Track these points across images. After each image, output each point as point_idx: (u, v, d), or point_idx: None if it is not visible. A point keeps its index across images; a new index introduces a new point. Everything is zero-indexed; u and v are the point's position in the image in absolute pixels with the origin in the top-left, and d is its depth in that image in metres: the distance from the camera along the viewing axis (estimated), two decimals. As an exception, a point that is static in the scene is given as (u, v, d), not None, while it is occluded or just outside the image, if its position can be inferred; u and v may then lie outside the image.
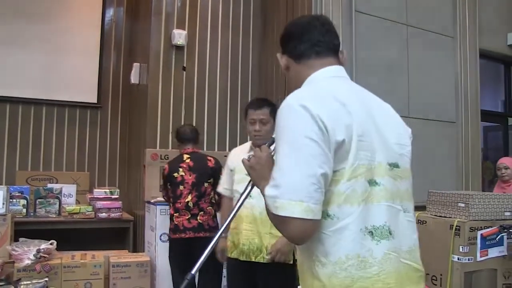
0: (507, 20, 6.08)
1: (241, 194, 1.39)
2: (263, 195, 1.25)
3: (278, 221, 1.15)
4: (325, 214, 1.18)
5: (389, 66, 4.67)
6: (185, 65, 5.01)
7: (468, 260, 3.10)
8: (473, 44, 5.51)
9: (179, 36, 4.88)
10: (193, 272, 1.20)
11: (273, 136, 1.35)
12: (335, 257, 1.17)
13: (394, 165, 1.28)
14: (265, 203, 1.21)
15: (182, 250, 3.55)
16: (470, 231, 3.09)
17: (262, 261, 2.51)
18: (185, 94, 5.01)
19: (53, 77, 5.31)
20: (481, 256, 3.13)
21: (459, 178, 5.15)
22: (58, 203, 4.52)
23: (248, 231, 2.54)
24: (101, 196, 4.67)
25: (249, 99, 5.40)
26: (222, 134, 5.25)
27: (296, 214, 1.11)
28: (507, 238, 3.26)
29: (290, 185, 1.13)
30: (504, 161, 4.50)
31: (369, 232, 1.19)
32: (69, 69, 5.36)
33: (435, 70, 5.08)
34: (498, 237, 3.18)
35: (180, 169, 3.62)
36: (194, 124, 4.94)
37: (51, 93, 5.29)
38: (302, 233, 1.14)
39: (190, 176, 3.59)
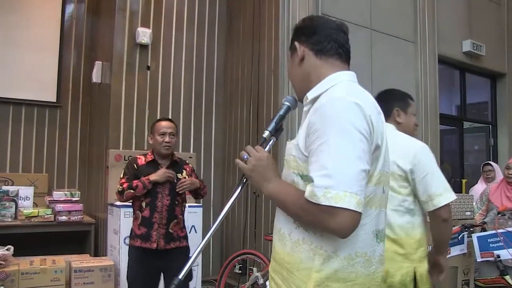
0: (462, 28, 6.36)
1: (233, 193, 1.30)
2: (269, 196, 1.28)
3: (325, 212, 1.11)
4: None
5: (354, 69, 4.72)
6: (149, 65, 4.91)
7: (433, 258, 3.19)
8: (432, 50, 5.73)
9: (144, 35, 4.78)
10: (180, 276, 1.20)
11: (264, 135, 1.35)
12: (345, 252, 1.20)
13: None
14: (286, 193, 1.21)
15: None
16: (435, 231, 3.19)
17: None
18: (149, 94, 4.91)
19: (9, 73, 5.05)
20: (444, 255, 3.24)
21: (419, 179, 5.31)
22: (14, 206, 4.32)
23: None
24: (61, 199, 4.50)
25: (214, 99, 5.38)
26: (186, 135, 5.18)
27: (352, 206, 1.10)
28: (467, 237, 3.40)
29: (345, 176, 1.11)
30: None
31: (376, 234, 1.27)
32: (26, 66, 5.12)
33: (397, 74, 5.23)
34: (460, 236, 3.30)
35: None
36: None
37: (6, 90, 5.01)
38: (353, 226, 1.13)
39: None
